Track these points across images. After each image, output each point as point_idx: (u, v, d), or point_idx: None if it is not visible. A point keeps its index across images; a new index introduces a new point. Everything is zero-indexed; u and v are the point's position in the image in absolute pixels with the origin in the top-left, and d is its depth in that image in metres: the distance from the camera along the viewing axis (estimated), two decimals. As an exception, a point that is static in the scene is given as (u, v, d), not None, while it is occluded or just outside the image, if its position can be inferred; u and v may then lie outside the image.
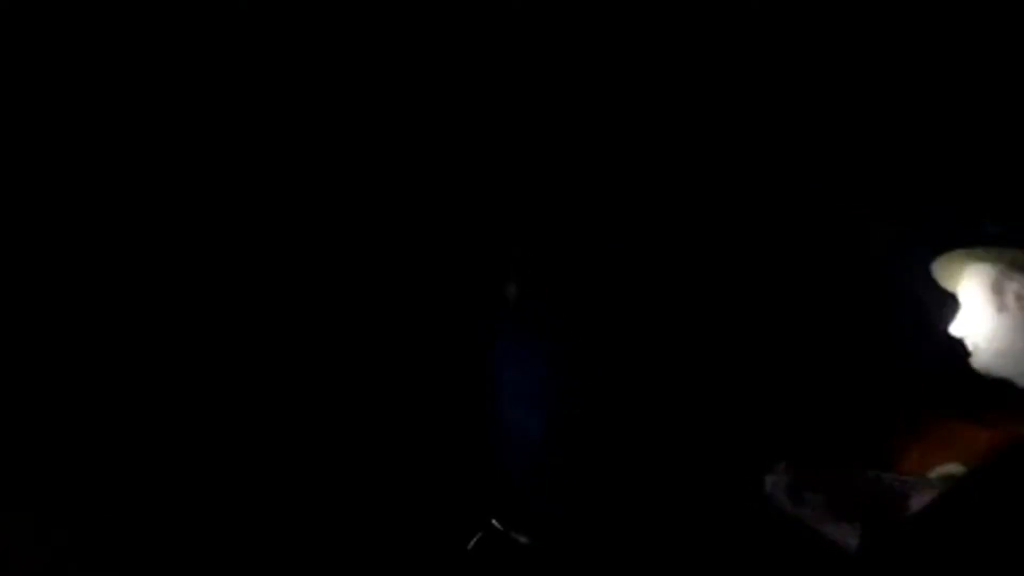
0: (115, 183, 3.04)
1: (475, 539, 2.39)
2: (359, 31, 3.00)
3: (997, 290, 2.21)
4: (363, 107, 3.05)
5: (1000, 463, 1.96)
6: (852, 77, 2.90)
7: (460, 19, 2.95)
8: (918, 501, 2.05)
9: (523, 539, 2.37)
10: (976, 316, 2.24)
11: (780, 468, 2.20)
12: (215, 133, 3.04)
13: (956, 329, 2.26)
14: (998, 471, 1.93)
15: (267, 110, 3.04)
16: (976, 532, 1.84)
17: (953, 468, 2.18)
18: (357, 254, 3.02)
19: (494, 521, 2.39)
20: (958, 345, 2.25)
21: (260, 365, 2.97)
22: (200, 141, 3.05)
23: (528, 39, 2.95)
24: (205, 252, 3.05)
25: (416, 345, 2.89)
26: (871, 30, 2.86)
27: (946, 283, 2.32)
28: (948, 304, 2.29)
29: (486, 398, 2.80)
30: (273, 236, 3.05)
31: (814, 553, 2.03)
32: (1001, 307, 2.20)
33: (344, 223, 3.03)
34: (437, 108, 3.03)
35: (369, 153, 3.04)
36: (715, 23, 2.87)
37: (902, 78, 2.89)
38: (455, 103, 3.02)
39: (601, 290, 2.76)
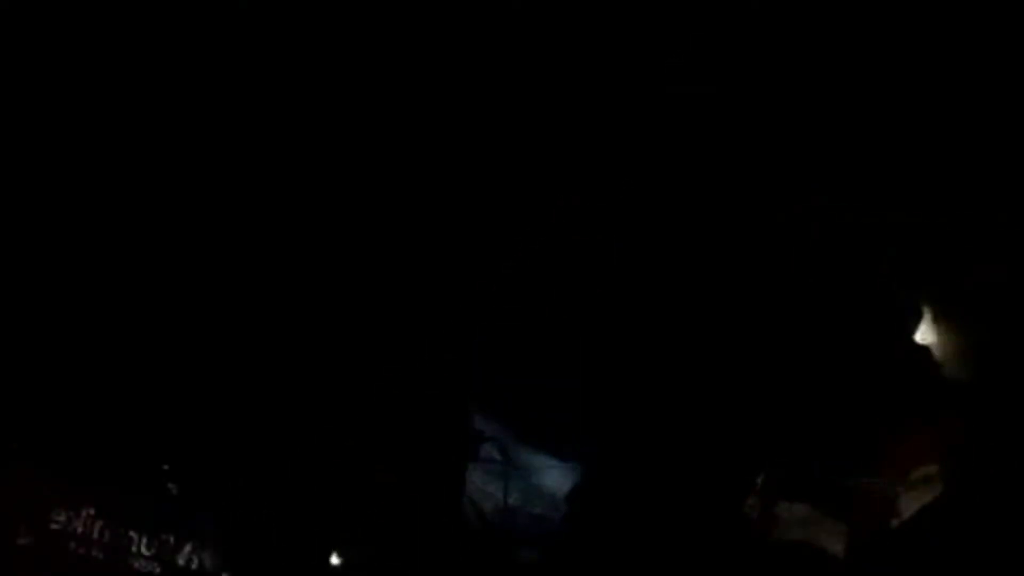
0: (114, 183, 3.03)
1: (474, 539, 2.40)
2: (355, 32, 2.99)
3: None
4: (362, 111, 3.05)
5: (981, 467, 1.99)
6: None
7: (460, 19, 2.94)
8: (902, 503, 2.09)
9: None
10: (937, 328, 2.30)
11: (762, 479, 2.27)
12: (206, 134, 3.04)
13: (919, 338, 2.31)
14: (981, 475, 1.97)
15: (263, 113, 3.04)
16: (962, 535, 1.90)
17: (932, 469, 2.20)
18: (357, 260, 3.03)
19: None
20: (925, 355, 2.31)
21: (258, 372, 2.99)
22: (190, 142, 3.05)
23: (529, 40, 2.94)
24: (197, 258, 3.06)
25: (416, 349, 2.90)
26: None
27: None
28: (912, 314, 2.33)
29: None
30: (268, 245, 3.05)
31: (803, 559, 2.09)
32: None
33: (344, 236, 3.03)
34: (437, 112, 3.03)
35: (367, 166, 3.05)
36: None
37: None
38: (455, 107, 3.02)
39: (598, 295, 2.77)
